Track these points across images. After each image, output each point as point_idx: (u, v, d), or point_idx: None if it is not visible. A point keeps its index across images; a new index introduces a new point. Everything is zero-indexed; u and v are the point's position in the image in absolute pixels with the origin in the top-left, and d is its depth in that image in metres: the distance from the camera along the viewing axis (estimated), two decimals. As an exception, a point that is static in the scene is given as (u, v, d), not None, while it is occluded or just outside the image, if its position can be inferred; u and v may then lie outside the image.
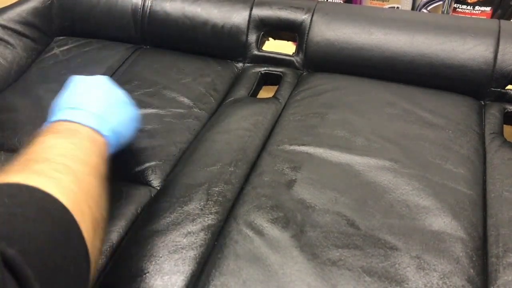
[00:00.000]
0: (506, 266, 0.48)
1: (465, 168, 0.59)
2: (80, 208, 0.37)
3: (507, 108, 0.72)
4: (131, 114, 0.58)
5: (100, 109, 0.51)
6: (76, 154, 0.43)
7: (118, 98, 0.56)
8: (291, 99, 0.75)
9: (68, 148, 0.44)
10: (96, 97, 0.53)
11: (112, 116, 0.53)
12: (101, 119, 0.50)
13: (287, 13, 0.82)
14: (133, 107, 0.58)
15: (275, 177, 0.59)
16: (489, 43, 0.71)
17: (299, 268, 0.48)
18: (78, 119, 0.49)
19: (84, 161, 0.43)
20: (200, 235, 0.52)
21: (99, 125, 0.50)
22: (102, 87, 0.56)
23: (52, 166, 0.40)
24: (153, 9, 0.88)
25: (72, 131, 0.47)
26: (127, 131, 0.56)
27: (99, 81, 0.57)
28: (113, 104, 0.54)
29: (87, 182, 0.42)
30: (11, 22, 0.89)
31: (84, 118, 0.49)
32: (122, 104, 0.56)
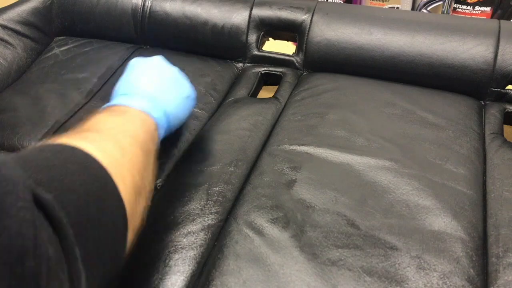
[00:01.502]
0: (506, 266, 0.48)
1: (465, 168, 0.59)
2: (121, 173, 0.38)
3: (507, 108, 0.72)
4: (186, 92, 0.58)
5: (151, 92, 0.53)
6: (125, 128, 0.45)
7: (172, 77, 0.57)
8: (291, 99, 0.75)
9: (118, 122, 0.45)
10: (148, 79, 0.54)
11: (164, 95, 0.54)
12: (153, 101, 0.51)
13: (287, 13, 0.82)
14: (189, 85, 0.59)
15: (275, 177, 0.59)
16: (489, 43, 0.71)
17: (299, 268, 0.48)
18: (128, 102, 0.50)
19: (132, 135, 0.44)
20: (200, 235, 0.52)
21: (150, 107, 0.50)
22: (156, 68, 0.57)
23: (99, 135, 0.41)
24: (153, 9, 0.88)
25: (123, 111, 0.49)
26: (181, 110, 0.56)
27: (154, 62, 0.57)
28: (166, 85, 0.55)
29: (132, 153, 0.42)
30: (11, 22, 0.89)
31: (134, 101, 0.50)
32: (177, 83, 0.57)
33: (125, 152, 0.41)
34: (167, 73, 0.57)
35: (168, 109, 0.53)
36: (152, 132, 0.49)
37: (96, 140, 0.40)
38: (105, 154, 0.38)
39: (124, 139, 0.43)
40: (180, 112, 0.56)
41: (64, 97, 0.77)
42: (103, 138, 0.41)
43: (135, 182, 0.40)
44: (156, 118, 0.51)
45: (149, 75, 0.55)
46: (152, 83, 0.54)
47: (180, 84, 0.57)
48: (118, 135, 0.43)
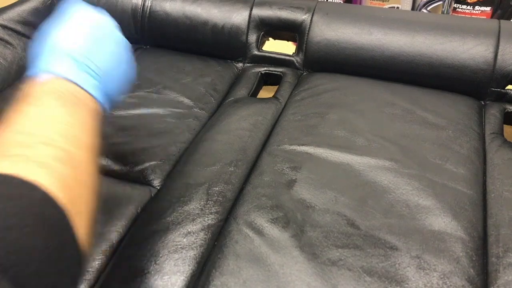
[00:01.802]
0: (506, 266, 0.48)
1: (465, 168, 0.59)
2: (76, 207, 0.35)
3: (507, 108, 0.72)
4: (128, 75, 0.51)
5: (103, 68, 0.45)
6: (77, 134, 0.39)
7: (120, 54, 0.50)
8: (291, 99, 0.75)
9: (69, 124, 0.39)
10: (101, 49, 0.46)
11: (111, 75, 0.47)
12: (102, 83, 0.45)
13: (287, 13, 0.82)
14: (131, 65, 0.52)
15: (275, 177, 0.59)
16: (489, 43, 0.71)
17: (299, 268, 0.48)
18: (80, 81, 0.43)
19: (84, 143, 0.40)
20: (200, 235, 0.52)
21: (99, 91, 0.44)
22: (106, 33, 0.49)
23: (53, 152, 0.36)
24: (153, 9, 0.88)
25: (74, 98, 0.42)
26: (119, 95, 0.50)
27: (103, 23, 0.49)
28: (114, 62, 0.48)
29: (86, 172, 0.38)
30: (11, 22, 0.89)
31: (86, 82, 0.43)
32: (123, 63, 0.50)
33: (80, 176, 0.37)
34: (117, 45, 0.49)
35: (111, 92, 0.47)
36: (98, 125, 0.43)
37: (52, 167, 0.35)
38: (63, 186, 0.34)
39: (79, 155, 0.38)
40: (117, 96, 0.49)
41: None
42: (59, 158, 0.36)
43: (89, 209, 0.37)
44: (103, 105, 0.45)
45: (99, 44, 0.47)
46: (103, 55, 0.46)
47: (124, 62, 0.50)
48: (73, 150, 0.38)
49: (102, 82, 0.45)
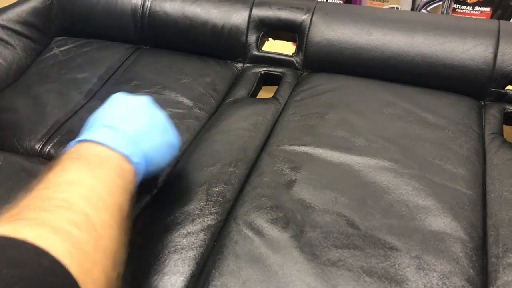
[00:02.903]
0: (506, 266, 0.48)
1: (465, 168, 0.59)
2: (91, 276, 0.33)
3: (507, 109, 0.72)
4: (171, 140, 0.52)
5: (135, 131, 0.47)
6: (100, 196, 0.38)
7: (158, 122, 0.52)
8: (291, 99, 0.75)
9: (91, 187, 0.39)
10: (134, 117, 0.49)
11: (147, 140, 0.48)
12: (135, 143, 0.46)
13: (287, 13, 0.82)
14: (174, 134, 0.53)
15: (275, 177, 0.59)
16: (489, 44, 0.71)
17: (299, 268, 0.48)
18: (108, 141, 0.44)
19: (108, 204, 0.39)
20: (200, 236, 0.52)
21: (131, 150, 0.45)
22: (143, 107, 0.51)
23: (70, 216, 0.35)
24: (152, 9, 0.88)
25: (99, 159, 0.42)
26: (161, 158, 0.51)
27: (142, 101, 0.52)
28: (151, 128, 0.50)
29: (107, 237, 0.37)
30: (11, 22, 0.89)
31: (115, 141, 0.44)
32: (162, 129, 0.52)
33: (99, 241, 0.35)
34: (154, 116, 0.52)
35: (148, 155, 0.48)
36: (129, 185, 0.44)
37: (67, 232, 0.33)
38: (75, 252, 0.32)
39: (99, 218, 0.37)
40: (160, 160, 0.51)
41: (64, 97, 0.77)
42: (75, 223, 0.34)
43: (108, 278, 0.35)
44: (136, 164, 0.45)
45: (135, 114, 0.50)
46: (137, 123, 0.48)
47: (165, 130, 0.52)
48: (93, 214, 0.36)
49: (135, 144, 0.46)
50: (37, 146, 0.69)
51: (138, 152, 0.46)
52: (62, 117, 0.73)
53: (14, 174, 0.64)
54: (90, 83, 0.80)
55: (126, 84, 0.79)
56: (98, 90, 0.79)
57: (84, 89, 0.79)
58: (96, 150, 0.43)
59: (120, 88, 0.78)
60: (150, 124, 0.50)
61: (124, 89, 0.80)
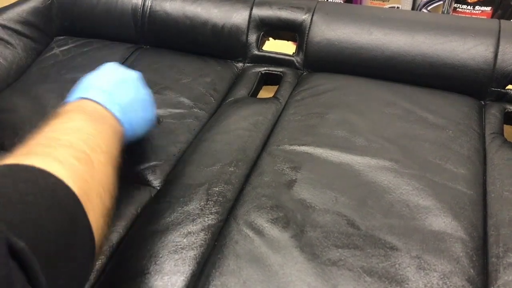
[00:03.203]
0: (506, 266, 0.48)
1: (465, 168, 0.59)
2: (90, 198, 0.38)
3: (507, 108, 0.72)
4: (150, 114, 0.60)
5: (125, 102, 0.53)
6: (98, 143, 0.44)
7: (143, 96, 0.58)
8: (291, 99, 0.75)
9: (92, 134, 0.44)
10: (124, 88, 0.55)
11: (134, 111, 0.55)
12: (124, 111, 0.52)
13: (287, 13, 0.82)
14: (153, 108, 0.61)
15: (275, 177, 0.59)
16: (489, 43, 0.71)
17: (299, 268, 0.48)
18: (105, 103, 0.51)
19: (104, 151, 0.44)
20: (200, 235, 0.52)
21: (121, 116, 0.52)
22: (132, 81, 0.58)
23: (72, 152, 0.40)
24: (153, 9, 0.88)
25: (98, 115, 0.49)
26: (140, 129, 0.57)
27: (132, 75, 0.58)
28: (137, 101, 0.56)
29: (102, 172, 0.43)
30: (11, 22, 0.89)
31: (111, 105, 0.51)
32: (145, 103, 0.58)
33: (96, 173, 0.41)
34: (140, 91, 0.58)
35: (133, 123, 0.55)
36: (120, 143, 0.50)
37: (69, 163, 0.39)
38: (77, 179, 0.38)
39: (97, 157, 0.42)
40: (139, 131, 0.57)
41: (64, 97, 0.77)
42: (76, 157, 0.40)
43: (103, 203, 0.40)
44: (125, 129, 0.52)
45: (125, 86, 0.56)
46: (126, 94, 0.55)
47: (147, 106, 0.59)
48: (91, 154, 0.42)
49: (124, 112, 0.52)
50: (37, 146, 0.69)
51: (126, 119, 0.52)
52: (63, 117, 0.73)
53: (14, 174, 0.64)
54: (90, 83, 0.80)
55: (126, 84, 0.79)
56: (99, 90, 0.79)
57: (84, 89, 0.79)
58: (96, 107, 0.50)
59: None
60: (136, 98, 0.56)
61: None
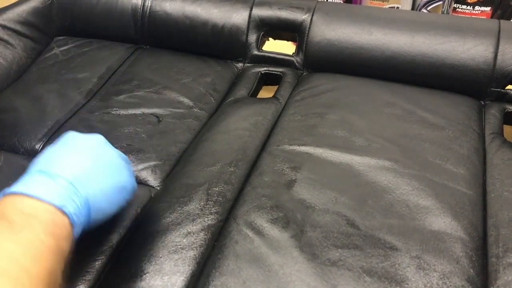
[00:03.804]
0: (506, 266, 0.48)
1: (465, 168, 0.59)
2: None
3: (507, 108, 0.72)
4: (122, 183, 0.48)
5: (76, 176, 0.43)
6: (22, 264, 0.35)
7: (108, 163, 0.47)
8: (291, 99, 0.75)
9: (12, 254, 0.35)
10: (77, 160, 0.45)
11: (91, 185, 0.44)
12: (74, 190, 0.42)
13: (287, 13, 0.82)
14: (127, 175, 0.49)
15: (275, 177, 0.59)
16: (489, 43, 0.71)
17: (299, 268, 0.48)
18: (39, 191, 0.40)
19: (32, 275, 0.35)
20: (200, 235, 0.52)
21: (67, 198, 0.41)
22: (92, 148, 0.47)
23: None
24: (153, 9, 0.88)
25: (24, 217, 0.38)
26: (109, 203, 0.46)
27: (91, 141, 0.48)
28: (98, 170, 0.46)
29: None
30: (11, 22, 0.89)
31: (47, 190, 0.41)
32: (112, 171, 0.47)
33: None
34: (103, 156, 0.47)
35: (92, 200, 0.44)
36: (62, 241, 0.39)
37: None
38: None
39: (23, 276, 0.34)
40: (107, 205, 0.46)
41: (64, 97, 0.77)
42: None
43: None
44: (72, 214, 0.41)
45: (79, 154, 0.46)
46: (80, 164, 0.44)
47: (116, 171, 0.48)
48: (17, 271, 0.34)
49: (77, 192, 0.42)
50: (37, 146, 0.69)
51: (77, 200, 0.42)
52: (62, 117, 0.73)
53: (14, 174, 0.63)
54: (90, 83, 0.80)
55: (126, 84, 0.79)
56: (98, 90, 0.79)
57: (84, 89, 0.79)
58: (23, 205, 0.39)
59: (120, 88, 0.79)
60: (96, 166, 0.46)
61: (124, 89, 0.80)
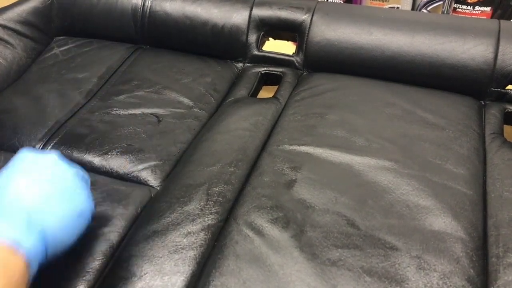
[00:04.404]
0: (506, 266, 0.48)
1: (465, 168, 0.59)
2: None
3: (507, 108, 0.72)
4: (79, 208, 0.45)
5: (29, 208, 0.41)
6: None
7: (63, 188, 0.45)
8: (291, 99, 0.75)
9: None
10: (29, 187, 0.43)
11: (46, 216, 0.42)
12: (27, 223, 0.40)
13: (287, 13, 0.82)
14: (83, 199, 0.46)
15: (275, 177, 0.59)
16: (489, 43, 0.71)
17: (299, 268, 0.48)
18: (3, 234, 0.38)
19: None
20: (200, 235, 0.52)
21: (19, 234, 0.39)
22: (44, 170, 0.45)
23: None
24: (153, 9, 0.88)
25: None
26: (66, 233, 0.44)
27: (45, 162, 0.46)
28: (53, 197, 0.43)
29: None
30: (11, 22, 0.89)
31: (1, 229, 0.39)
32: (67, 195, 0.45)
33: None
34: (58, 179, 0.45)
35: (49, 233, 0.41)
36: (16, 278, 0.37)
37: None
38: None
39: None
40: (65, 234, 0.44)
41: (64, 97, 0.77)
42: None
43: None
44: (28, 250, 0.39)
45: (34, 181, 0.43)
46: (33, 193, 0.42)
47: (72, 195, 0.45)
48: None
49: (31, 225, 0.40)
50: (37, 146, 0.69)
51: (31, 234, 0.40)
52: (62, 117, 0.73)
53: (14, 174, 0.64)
54: (90, 83, 0.80)
55: (126, 84, 0.79)
56: (98, 90, 0.79)
57: (84, 89, 0.79)
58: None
59: (120, 88, 0.79)
60: (51, 193, 0.43)
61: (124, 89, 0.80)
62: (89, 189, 0.48)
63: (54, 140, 0.69)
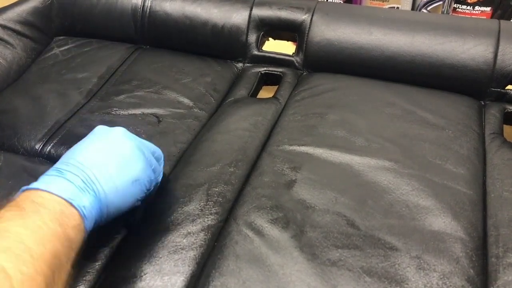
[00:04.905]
0: (506, 266, 0.48)
1: (465, 168, 0.59)
2: None
3: (507, 108, 0.72)
4: (135, 176, 0.48)
5: (89, 167, 0.45)
6: (26, 244, 0.37)
7: (122, 156, 0.48)
8: (291, 99, 0.75)
9: (18, 235, 0.37)
10: (93, 154, 0.47)
11: (104, 177, 0.46)
12: (85, 186, 0.44)
13: (287, 13, 0.82)
14: (140, 168, 0.49)
15: (275, 177, 0.59)
16: (489, 43, 0.71)
17: (299, 268, 0.48)
18: (51, 187, 0.42)
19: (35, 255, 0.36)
20: (200, 236, 0.52)
21: (76, 193, 0.43)
22: (108, 141, 0.49)
23: None
24: (153, 9, 0.88)
25: (34, 206, 0.40)
26: (122, 199, 0.47)
27: (112, 135, 0.50)
28: (112, 163, 0.47)
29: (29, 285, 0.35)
30: (11, 22, 0.89)
31: (58, 187, 0.42)
32: (126, 164, 0.48)
33: None
34: (119, 148, 0.48)
35: (104, 195, 0.45)
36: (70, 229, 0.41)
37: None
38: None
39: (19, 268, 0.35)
40: (120, 199, 0.47)
41: (64, 97, 0.77)
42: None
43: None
44: (82, 207, 0.43)
45: (96, 150, 0.47)
46: (94, 160, 0.46)
47: (130, 164, 0.48)
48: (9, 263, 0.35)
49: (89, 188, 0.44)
50: (37, 146, 0.69)
51: (88, 195, 0.44)
52: (62, 117, 0.73)
53: (14, 175, 0.64)
54: (90, 83, 0.80)
55: (126, 84, 0.79)
56: (98, 90, 0.79)
57: (84, 89, 0.79)
58: (35, 196, 0.41)
59: (120, 88, 0.79)
60: (109, 160, 0.47)
61: (124, 89, 0.80)
62: (157, 163, 0.54)
63: (54, 140, 0.69)
